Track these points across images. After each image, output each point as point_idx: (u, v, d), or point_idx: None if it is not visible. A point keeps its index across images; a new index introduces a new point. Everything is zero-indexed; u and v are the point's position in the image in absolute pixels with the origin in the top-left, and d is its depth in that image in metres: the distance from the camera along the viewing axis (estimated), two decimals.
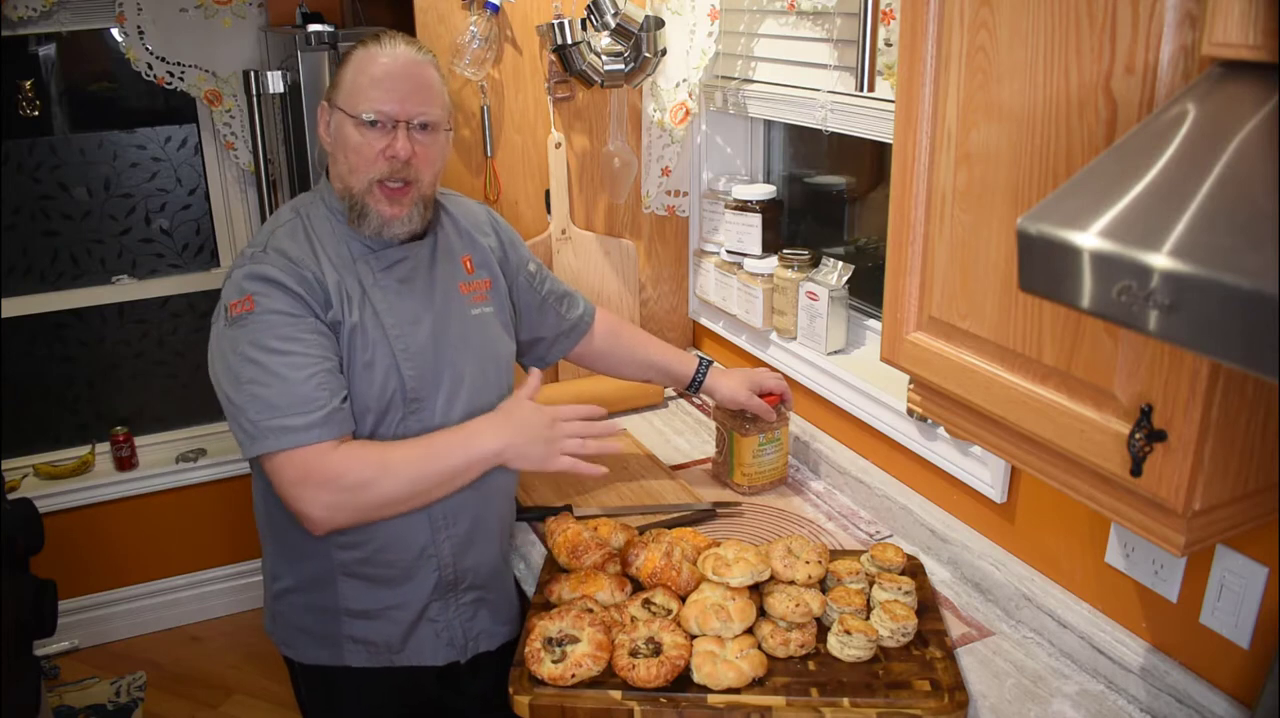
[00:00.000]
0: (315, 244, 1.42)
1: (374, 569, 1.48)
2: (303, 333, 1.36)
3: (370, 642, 1.52)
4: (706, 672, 1.31)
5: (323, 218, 1.46)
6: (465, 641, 1.57)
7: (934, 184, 1.13)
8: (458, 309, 1.53)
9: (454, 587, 1.54)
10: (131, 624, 3.13)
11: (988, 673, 1.41)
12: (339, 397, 1.36)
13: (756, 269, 2.07)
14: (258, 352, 1.34)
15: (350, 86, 1.39)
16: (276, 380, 1.33)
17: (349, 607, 1.50)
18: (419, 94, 1.40)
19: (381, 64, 1.39)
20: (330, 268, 1.41)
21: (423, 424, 1.46)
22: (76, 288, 2.97)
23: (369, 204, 1.41)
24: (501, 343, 1.61)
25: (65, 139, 2.87)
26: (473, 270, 1.58)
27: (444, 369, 1.48)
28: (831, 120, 1.79)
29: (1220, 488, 0.92)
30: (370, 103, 1.38)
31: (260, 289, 1.36)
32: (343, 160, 1.41)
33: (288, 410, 1.32)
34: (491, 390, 1.56)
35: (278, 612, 1.56)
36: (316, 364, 1.35)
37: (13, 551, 1.97)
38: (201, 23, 2.70)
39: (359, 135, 1.38)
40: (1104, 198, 0.73)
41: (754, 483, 1.88)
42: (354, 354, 1.41)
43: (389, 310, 1.44)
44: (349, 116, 1.39)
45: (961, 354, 1.13)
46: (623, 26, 1.97)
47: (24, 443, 3.02)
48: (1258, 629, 1.20)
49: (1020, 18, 0.98)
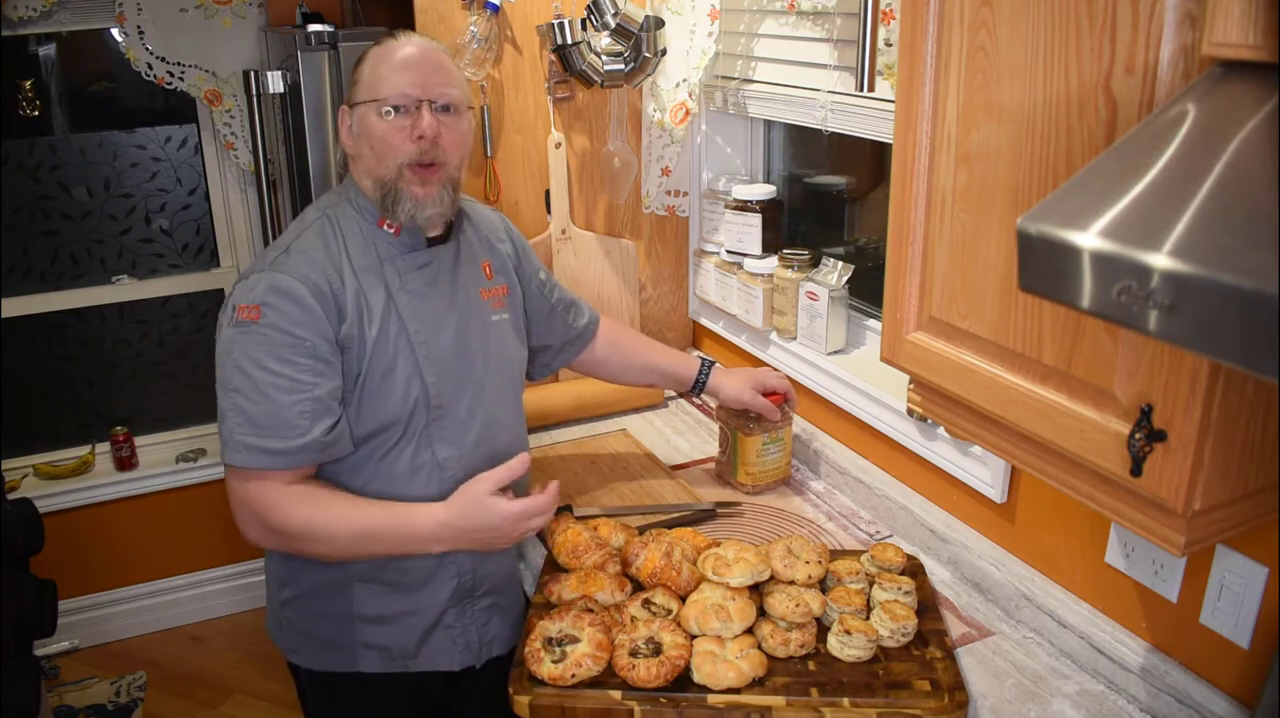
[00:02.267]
0: (340, 247, 1.42)
1: (392, 574, 1.47)
2: (299, 357, 1.35)
3: (385, 648, 1.51)
4: (706, 672, 1.31)
5: (350, 218, 1.45)
6: (480, 645, 1.56)
7: (934, 184, 1.13)
8: (479, 315, 1.53)
9: (471, 593, 1.53)
10: (131, 624, 3.13)
11: (988, 673, 1.41)
12: (321, 426, 1.35)
13: (756, 269, 2.07)
14: (251, 365, 1.34)
15: (370, 79, 1.40)
16: (262, 399, 1.33)
17: (364, 612, 1.49)
18: (438, 74, 1.41)
19: (400, 54, 1.40)
20: (351, 274, 1.40)
21: (445, 432, 1.45)
22: (76, 288, 2.97)
23: (401, 188, 1.40)
24: (516, 350, 1.61)
25: (65, 139, 2.87)
26: (492, 276, 1.58)
27: (466, 375, 1.48)
28: (831, 120, 1.79)
29: (1220, 488, 0.92)
30: (392, 87, 1.38)
31: (273, 301, 1.35)
32: (369, 153, 1.41)
33: (266, 432, 1.33)
34: (507, 398, 1.56)
35: (285, 618, 1.55)
36: (304, 391, 1.34)
37: (13, 551, 1.97)
38: (201, 23, 2.70)
39: (384, 123, 1.39)
40: (1104, 198, 0.73)
41: (758, 483, 1.88)
42: (373, 364, 1.40)
43: (414, 315, 1.44)
44: (372, 104, 1.39)
45: (961, 354, 1.13)
46: (623, 26, 1.97)
47: (24, 443, 3.02)
48: (1258, 629, 1.20)
49: (1020, 18, 0.98)
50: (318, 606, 1.50)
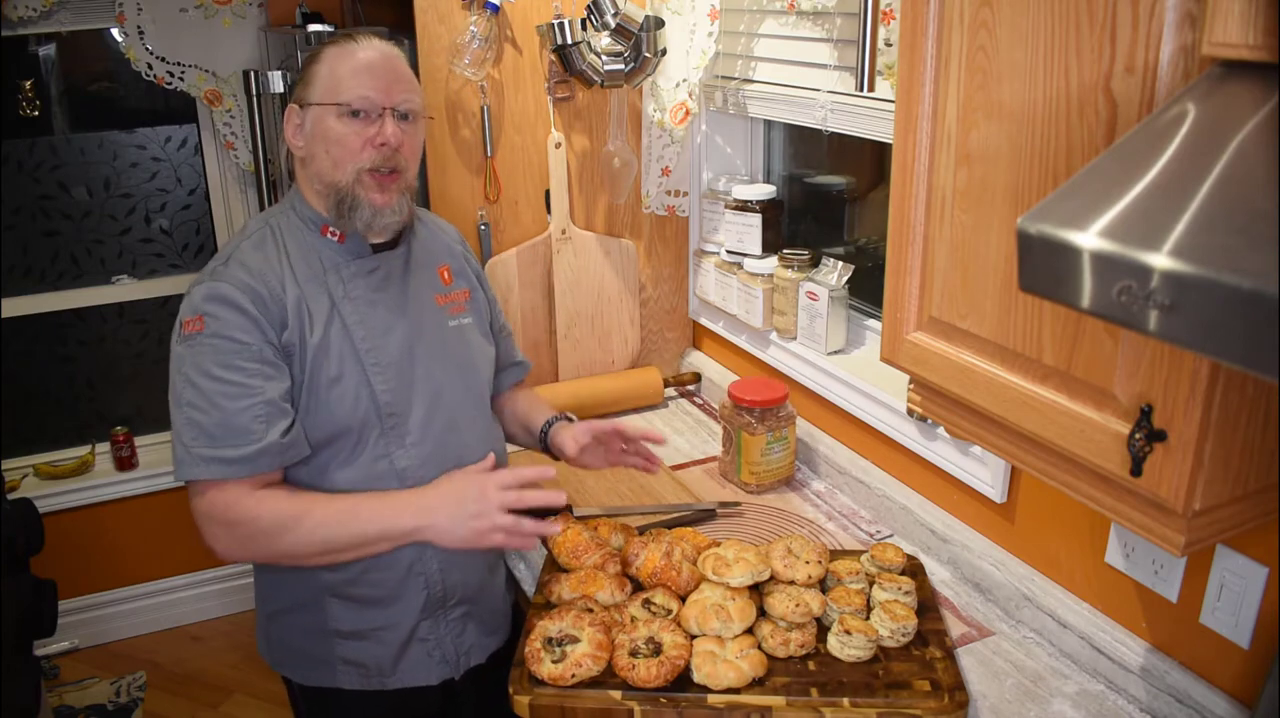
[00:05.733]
0: (282, 256, 1.39)
1: (361, 590, 1.46)
2: (245, 362, 1.33)
3: (362, 664, 1.50)
4: (706, 672, 1.31)
5: (294, 228, 1.43)
6: (457, 656, 1.55)
7: (934, 184, 1.13)
8: (433, 320, 1.51)
9: (443, 603, 1.51)
10: (131, 624, 3.13)
11: (988, 673, 1.41)
12: (277, 429, 1.33)
13: (756, 269, 2.07)
14: (199, 376, 1.33)
15: (328, 80, 1.37)
16: (213, 409, 1.32)
17: (339, 628, 1.48)
18: (401, 82, 1.39)
19: (361, 56, 1.38)
20: (293, 283, 1.38)
21: (402, 439, 1.43)
22: (76, 288, 2.97)
23: (359, 194, 1.37)
24: (482, 353, 1.59)
25: (65, 139, 2.87)
26: (450, 281, 1.56)
27: (419, 381, 1.46)
28: (831, 120, 1.79)
29: (1220, 488, 0.92)
30: (353, 91, 1.36)
31: (212, 310, 1.33)
32: (324, 155, 1.38)
33: (221, 441, 1.31)
34: (473, 402, 1.54)
35: (271, 633, 1.55)
36: (255, 395, 1.33)
37: (13, 551, 1.97)
38: (201, 23, 2.70)
39: (342, 126, 1.36)
40: (1104, 198, 0.73)
41: (761, 482, 1.89)
42: (318, 372, 1.38)
43: (360, 323, 1.42)
44: (331, 107, 1.36)
45: (961, 354, 1.13)
46: (623, 26, 1.97)
47: (24, 443, 3.02)
48: (1258, 629, 1.20)
49: (1020, 18, 0.98)
50: (298, 620, 1.49)
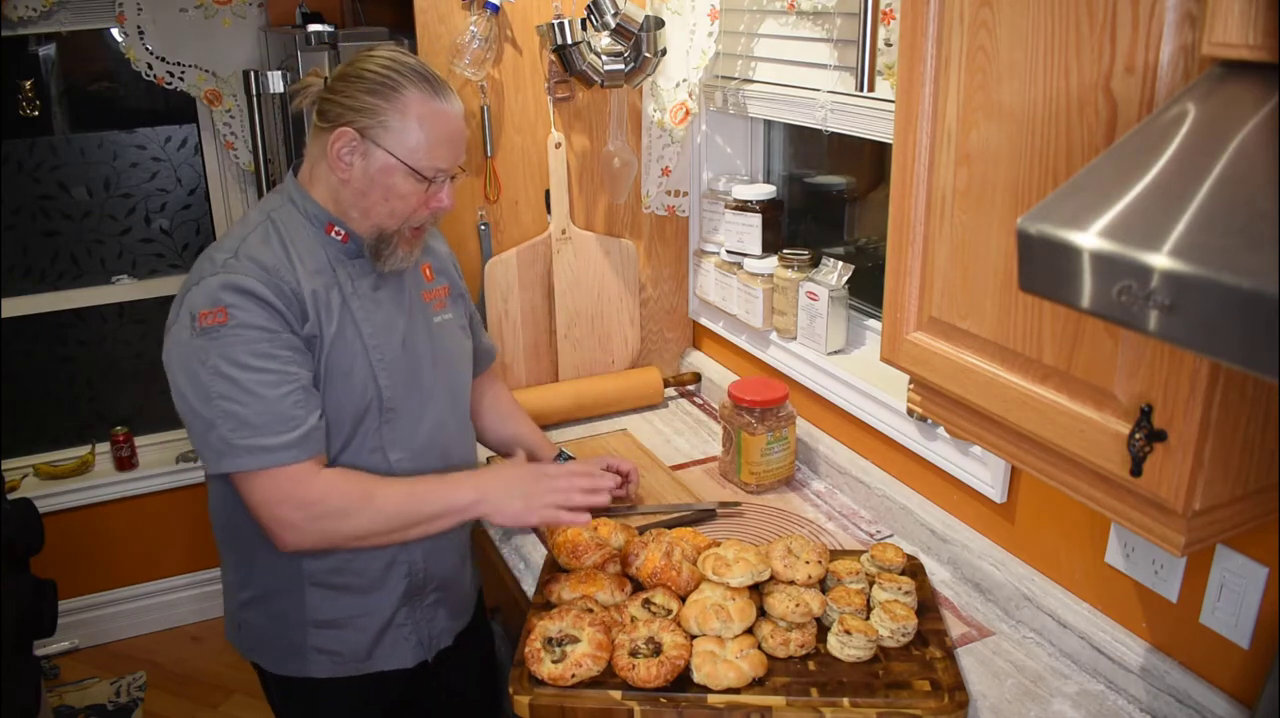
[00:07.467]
0: (290, 251, 1.39)
1: (344, 578, 1.47)
2: (279, 349, 1.33)
3: (335, 652, 1.51)
4: (706, 672, 1.31)
5: (298, 224, 1.42)
6: (430, 639, 1.58)
7: (934, 184, 1.13)
8: (423, 317, 1.54)
9: (422, 590, 1.54)
10: (131, 624, 3.13)
11: (988, 673, 1.41)
12: (315, 414, 1.35)
13: (756, 269, 2.07)
14: (231, 367, 1.30)
15: (415, 140, 1.36)
16: (252, 398, 1.30)
17: (315, 617, 1.48)
18: (464, 148, 1.44)
19: (451, 126, 1.39)
20: (306, 276, 1.38)
21: (395, 432, 1.46)
22: (76, 288, 2.97)
23: (399, 245, 1.43)
24: (463, 348, 1.62)
25: (65, 139, 2.87)
26: (432, 278, 1.58)
27: (415, 377, 1.49)
28: (831, 120, 1.79)
29: (1220, 488, 0.92)
30: (438, 161, 1.38)
31: (235, 301, 1.31)
32: (382, 204, 1.39)
33: (265, 429, 1.31)
34: (457, 399, 1.57)
35: (242, 621, 1.55)
36: (293, 382, 1.33)
37: (13, 551, 1.97)
38: (201, 23, 2.70)
39: (409, 186, 1.38)
40: (1104, 198, 0.73)
41: (761, 482, 1.89)
42: (333, 364, 1.39)
43: (366, 319, 1.43)
44: (410, 170, 1.37)
45: (961, 354, 1.13)
46: (623, 26, 1.97)
47: (24, 443, 3.02)
48: (1258, 629, 1.20)
49: (1020, 18, 0.98)
50: (271, 609, 1.50)
